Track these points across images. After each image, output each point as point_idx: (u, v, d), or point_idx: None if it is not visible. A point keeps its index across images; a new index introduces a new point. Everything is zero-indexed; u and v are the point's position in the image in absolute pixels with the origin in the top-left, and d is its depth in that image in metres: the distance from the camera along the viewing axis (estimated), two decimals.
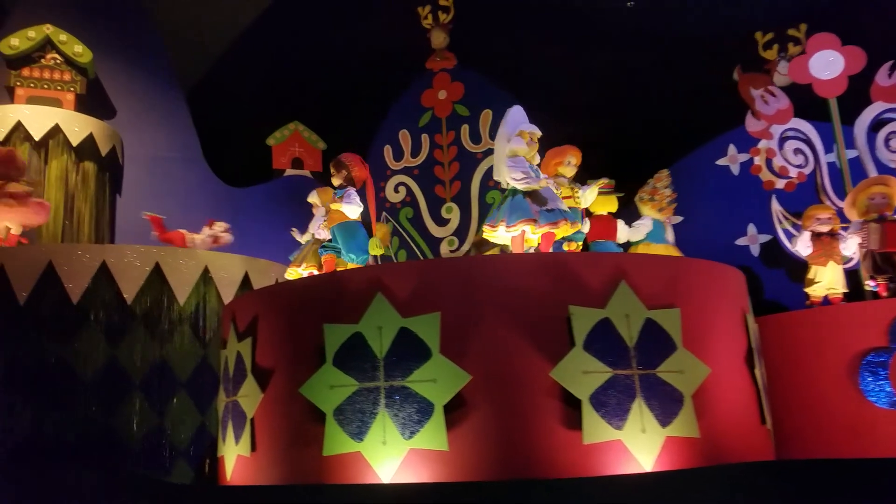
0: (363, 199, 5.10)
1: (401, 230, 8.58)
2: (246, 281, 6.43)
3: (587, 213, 5.83)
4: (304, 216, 8.88)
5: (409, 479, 3.46)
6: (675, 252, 6.18)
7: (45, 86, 7.73)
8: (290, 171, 8.93)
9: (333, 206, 4.98)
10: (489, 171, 8.22)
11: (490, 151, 8.32)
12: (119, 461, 5.59)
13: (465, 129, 8.27)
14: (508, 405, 3.45)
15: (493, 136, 8.35)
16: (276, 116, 9.03)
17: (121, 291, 5.83)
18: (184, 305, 6.05)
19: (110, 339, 5.76)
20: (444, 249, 8.06)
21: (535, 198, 4.38)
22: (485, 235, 4.58)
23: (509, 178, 4.47)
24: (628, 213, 6.50)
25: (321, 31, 9.61)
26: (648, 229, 6.25)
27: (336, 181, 4.96)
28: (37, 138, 7.40)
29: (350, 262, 4.67)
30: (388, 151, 8.78)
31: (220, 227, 7.15)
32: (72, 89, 7.81)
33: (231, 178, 8.57)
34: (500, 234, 4.42)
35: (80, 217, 7.56)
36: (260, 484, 3.94)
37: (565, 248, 4.88)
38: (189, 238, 6.79)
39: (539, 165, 4.67)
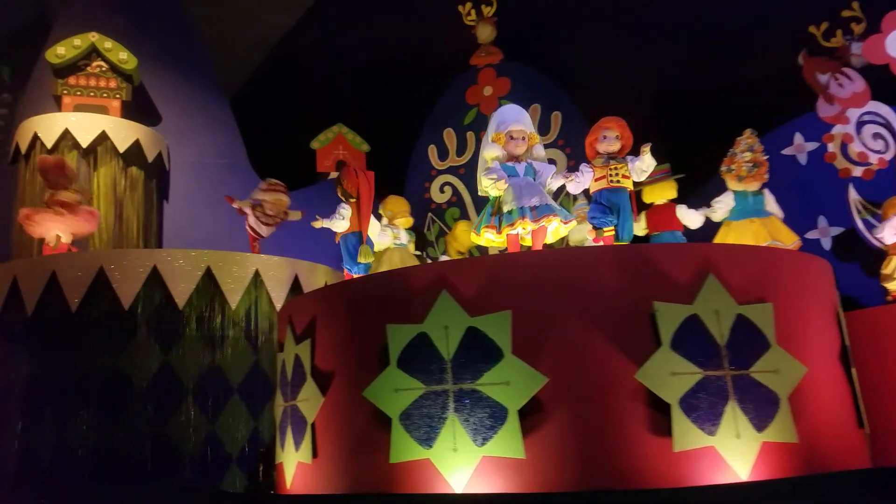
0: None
1: (447, 231, 8.40)
2: (296, 284, 6.30)
3: (638, 199, 5.48)
4: None
5: (483, 489, 3.24)
6: (765, 227, 5.66)
7: (92, 93, 7.74)
8: (334, 175, 8.80)
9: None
10: None
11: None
12: (174, 471, 5.49)
13: None
14: (590, 409, 3.21)
15: (541, 131, 8.15)
16: (320, 119, 8.92)
17: (172, 296, 5.73)
18: (235, 309, 5.93)
19: (163, 345, 5.66)
20: (493, 251, 7.83)
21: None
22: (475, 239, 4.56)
23: (481, 187, 4.49)
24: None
25: (363, 32, 9.51)
26: (729, 206, 5.82)
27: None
28: (84, 146, 7.39)
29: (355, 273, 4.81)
30: (432, 151, 8.62)
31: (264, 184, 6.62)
32: (118, 96, 7.81)
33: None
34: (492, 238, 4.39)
35: (128, 224, 7.53)
36: (323, 493, 3.77)
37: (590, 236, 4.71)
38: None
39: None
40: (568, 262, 3.41)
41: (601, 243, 4.59)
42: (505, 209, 4.23)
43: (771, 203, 5.77)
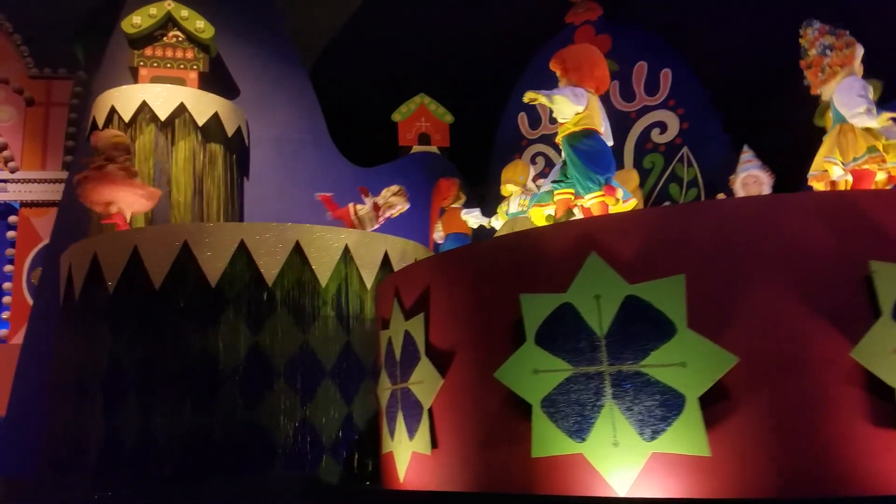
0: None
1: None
2: (386, 261, 5.81)
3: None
4: (429, 192, 8.25)
5: (655, 493, 2.65)
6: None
7: (168, 65, 7.43)
8: (417, 148, 8.30)
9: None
10: (646, 132, 7.26)
11: (647, 109, 7.37)
12: (266, 461, 5.09)
13: (614, 86, 7.36)
14: (792, 396, 2.57)
15: (649, 91, 7.43)
16: (401, 90, 8.40)
17: (261, 273, 5.33)
18: (325, 287, 5.49)
19: (251, 324, 5.26)
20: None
21: None
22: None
23: None
24: None
25: None
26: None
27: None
28: (162, 118, 7.08)
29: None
30: (522, 120, 8.00)
31: (388, 191, 6.59)
32: (195, 67, 7.48)
33: (357, 157, 8.02)
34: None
35: (208, 201, 7.20)
36: (447, 489, 3.24)
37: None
38: (353, 211, 6.30)
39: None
40: (759, 213, 2.75)
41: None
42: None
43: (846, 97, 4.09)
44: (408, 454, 3.51)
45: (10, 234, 8.42)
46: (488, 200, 7.63)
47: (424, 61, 8.74)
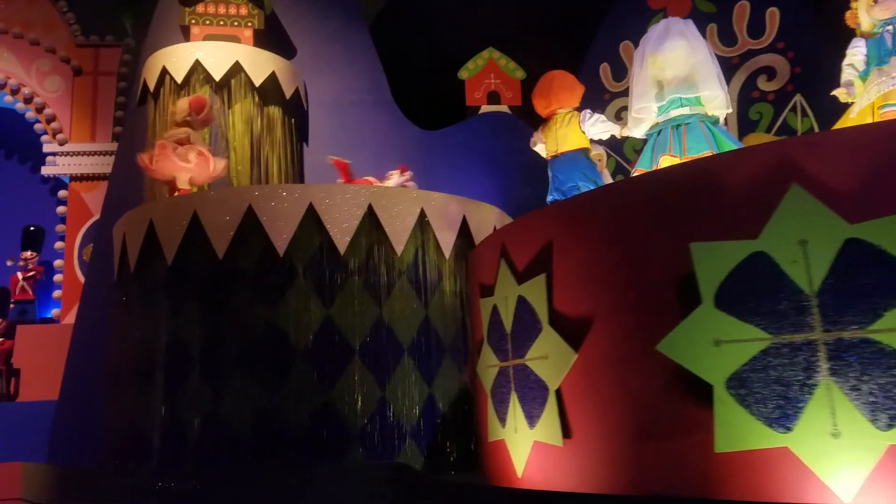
0: None
1: (625, 165, 7.05)
2: (464, 226, 5.20)
3: None
4: (503, 156, 7.59)
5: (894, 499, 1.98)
6: None
7: (221, 22, 6.91)
8: (485, 108, 7.63)
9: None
10: (750, 79, 6.46)
11: (751, 53, 6.56)
12: (343, 447, 4.56)
13: (711, 29, 6.56)
14: None
15: (752, 33, 6.62)
16: (468, 45, 7.71)
17: (332, 239, 4.77)
18: (401, 255, 4.90)
19: (323, 296, 4.71)
20: None
21: None
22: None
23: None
24: None
25: None
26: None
27: None
28: (217, 78, 6.55)
29: None
30: (605, 71, 7.24)
31: (407, 175, 6.04)
32: (249, 24, 6.94)
33: (422, 119, 7.39)
34: None
35: (268, 165, 6.67)
36: (590, 491, 2.61)
37: None
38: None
39: None
40: None
41: None
42: None
43: None
44: (527, 444, 2.88)
45: (61, 209, 8.07)
46: None
47: (492, 11, 8.02)
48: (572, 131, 5.24)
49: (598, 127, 5.20)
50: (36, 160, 8.21)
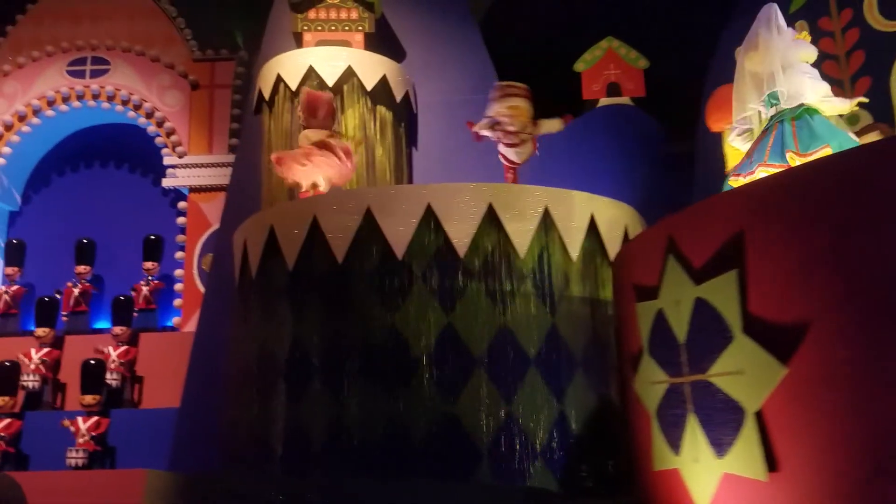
0: None
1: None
2: (592, 227, 4.80)
3: None
4: (626, 152, 7.12)
5: None
6: None
7: (333, 27, 6.86)
8: (605, 101, 7.19)
9: None
10: None
11: None
12: (470, 465, 4.26)
13: (870, 2, 5.84)
14: None
15: None
16: (584, 35, 7.30)
17: (451, 240, 4.50)
18: (524, 258, 4.57)
19: (444, 302, 4.46)
20: None
21: None
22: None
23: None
24: None
25: None
26: None
27: None
28: (330, 84, 6.49)
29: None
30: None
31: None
32: (360, 28, 6.86)
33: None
34: None
35: (381, 172, 6.53)
36: None
37: None
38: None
39: None
40: None
41: None
42: None
43: None
44: (714, 476, 2.45)
45: (180, 220, 8.27)
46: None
47: None
48: (728, 148, 4.88)
49: (738, 142, 4.77)
50: (157, 173, 8.48)
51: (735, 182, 4.45)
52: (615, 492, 4.21)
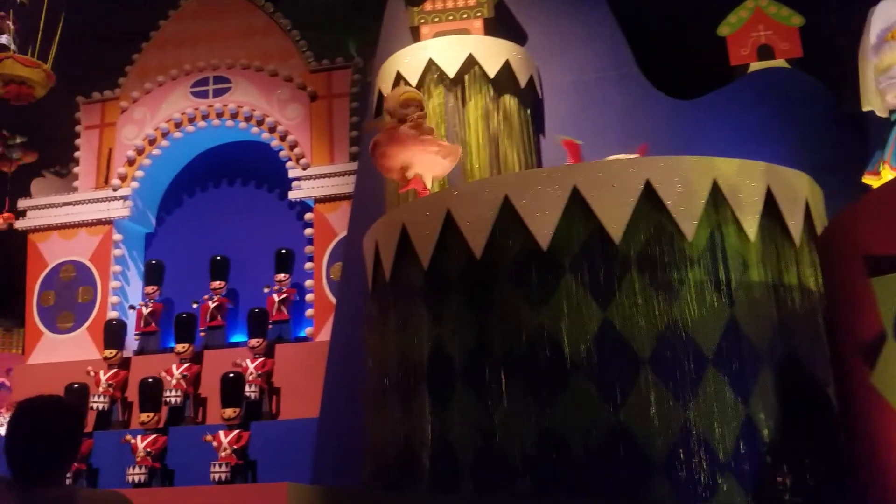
0: None
1: None
2: (770, 201, 4.11)
3: None
4: (786, 118, 6.28)
5: None
6: None
7: (450, 17, 6.53)
8: (756, 65, 6.39)
9: None
10: None
11: None
12: (641, 478, 3.70)
13: None
14: None
15: None
16: None
17: (604, 227, 3.98)
18: (693, 242, 3.97)
19: (599, 297, 3.94)
20: None
21: None
22: None
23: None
24: None
25: None
26: None
27: None
28: (451, 75, 6.14)
29: None
30: None
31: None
32: (479, 14, 6.49)
33: (678, 88, 6.37)
34: None
35: (506, 162, 6.10)
36: None
37: None
38: None
39: None
40: None
41: None
42: None
43: None
44: None
45: (308, 231, 8.22)
46: None
47: None
48: None
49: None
50: (283, 187, 8.48)
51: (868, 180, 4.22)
52: None
